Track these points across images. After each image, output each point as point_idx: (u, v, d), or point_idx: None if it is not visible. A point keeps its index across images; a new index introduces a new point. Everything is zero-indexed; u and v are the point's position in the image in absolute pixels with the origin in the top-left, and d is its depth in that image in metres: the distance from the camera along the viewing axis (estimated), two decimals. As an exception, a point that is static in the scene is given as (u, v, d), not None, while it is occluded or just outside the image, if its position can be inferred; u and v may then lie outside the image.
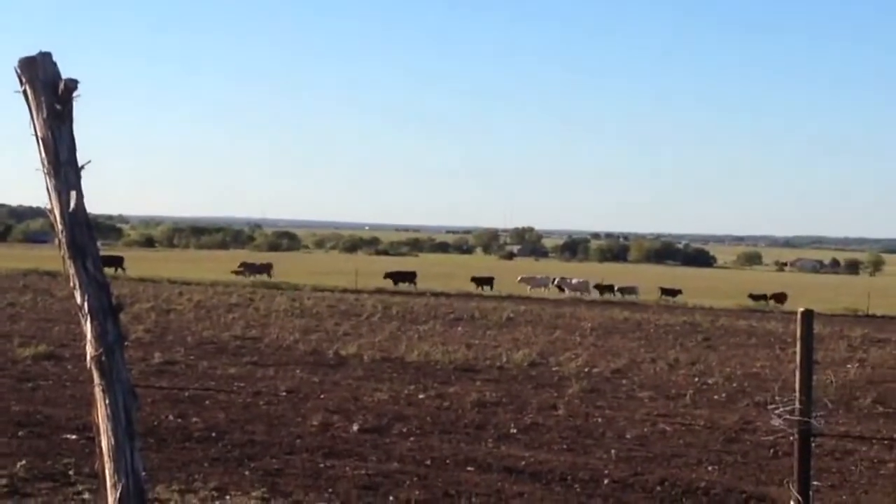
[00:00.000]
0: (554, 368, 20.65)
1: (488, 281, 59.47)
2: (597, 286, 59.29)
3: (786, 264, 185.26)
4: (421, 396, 15.98)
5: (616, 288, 59.44)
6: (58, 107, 4.74)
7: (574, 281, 62.95)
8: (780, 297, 55.32)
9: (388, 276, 59.17)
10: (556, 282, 62.52)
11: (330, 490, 9.68)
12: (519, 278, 63.48)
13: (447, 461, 11.27)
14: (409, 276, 59.77)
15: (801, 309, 6.15)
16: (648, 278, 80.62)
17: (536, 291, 59.58)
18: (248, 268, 64.46)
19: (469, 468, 10.98)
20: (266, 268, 64.85)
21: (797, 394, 6.11)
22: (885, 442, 13.58)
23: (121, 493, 4.84)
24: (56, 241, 4.92)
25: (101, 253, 6.02)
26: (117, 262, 59.78)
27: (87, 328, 4.86)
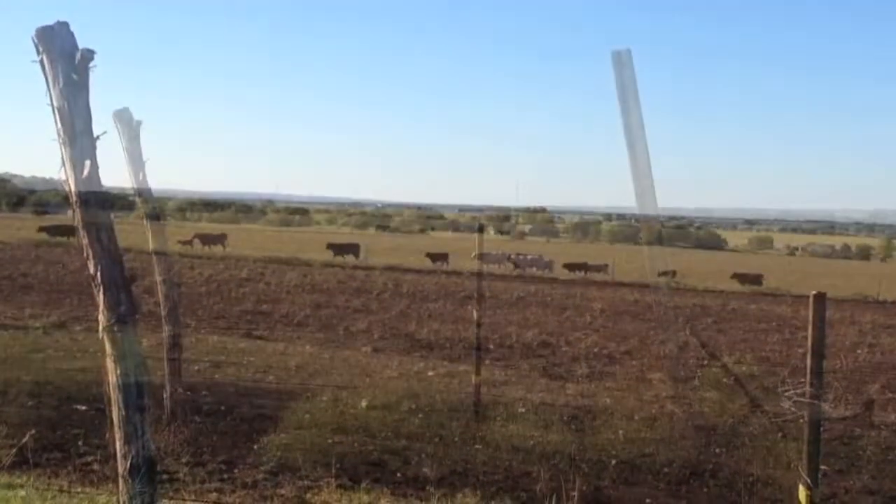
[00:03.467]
0: (563, 349, 20.65)
1: (443, 257, 57.65)
2: (566, 265, 58.35)
3: (797, 249, 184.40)
4: (430, 374, 16.01)
5: (587, 266, 58.50)
6: (74, 77, 4.73)
7: (529, 257, 62.02)
8: (756, 279, 55.25)
9: (329, 247, 58.00)
10: (510, 258, 61.21)
11: (338, 466, 9.71)
12: (472, 255, 60.89)
13: (455, 439, 11.30)
14: (352, 249, 58.21)
15: (814, 292, 6.12)
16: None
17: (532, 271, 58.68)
18: (203, 239, 62.04)
19: (477, 446, 11.01)
20: (220, 239, 62.17)
21: (808, 376, 6.09)
22: (894, 428, 13.56)
23: (130, 464, 4.87)
24: (70, 212, 4.93)
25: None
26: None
27: (100, 298, 4.87)
